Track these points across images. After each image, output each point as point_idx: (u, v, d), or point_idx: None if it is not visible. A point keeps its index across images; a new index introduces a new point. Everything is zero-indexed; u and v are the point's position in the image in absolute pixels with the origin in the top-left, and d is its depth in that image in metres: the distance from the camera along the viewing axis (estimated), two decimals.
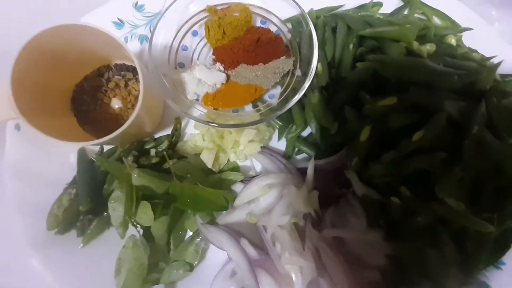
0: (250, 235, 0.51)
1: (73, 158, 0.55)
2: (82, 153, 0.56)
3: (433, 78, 0.42)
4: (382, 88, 0.47)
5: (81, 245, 0.52)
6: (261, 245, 0.49)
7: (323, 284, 0.43)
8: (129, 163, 0.48)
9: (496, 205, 0.45)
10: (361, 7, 0.61)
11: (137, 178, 0.47)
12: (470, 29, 0.58)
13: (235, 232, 0.51)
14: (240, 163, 0.59)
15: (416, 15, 0.64)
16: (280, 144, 0.60)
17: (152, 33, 0.56)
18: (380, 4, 0.63)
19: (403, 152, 0.43)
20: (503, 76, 0.56)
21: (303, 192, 0.48)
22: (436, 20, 0.63)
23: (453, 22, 0.62)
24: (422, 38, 0.49)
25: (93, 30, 0.45)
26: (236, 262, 0.46)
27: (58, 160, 0.56)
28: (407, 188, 0.46)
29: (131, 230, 0.49)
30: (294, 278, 0.42)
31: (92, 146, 0.56)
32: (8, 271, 0.55)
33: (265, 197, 0.49)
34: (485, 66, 0.47)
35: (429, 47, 0.45)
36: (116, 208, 0.46)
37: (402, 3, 0.63)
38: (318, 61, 0.53)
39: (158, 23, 0.56)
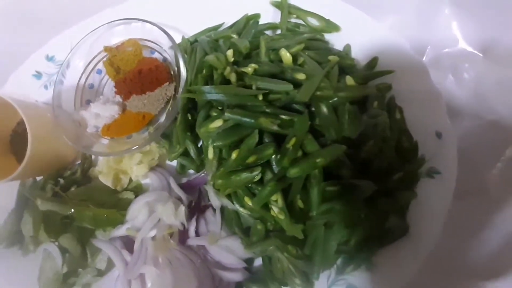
0: None
1: None
2: (22, 184, 0.70)
3: (243, 101, 0.45)
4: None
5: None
6: None
7: None
8: (36, 192, 0.60)
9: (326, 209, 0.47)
10: (234, 24, 0.64)
11: (41, 204, 0.59)
12: (321, 33, 0.59)
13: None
14: (143, 182, 0.68)
15: (293, 20, 0.64)
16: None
17: (56, 79, 0.67)
18: (257, 16, 0.65)
19: (230, 168, 0.47)
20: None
21: (170, 207, 0.55)
22: (314, 22, 0.63)
23: (328, 22, 0.62)
24: (256, 56, 0.51)
25: None
26: (118, 268, 0.56)
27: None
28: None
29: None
30: (148, 285, 0.51)
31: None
32: None
33: (141, 213, 0.58)
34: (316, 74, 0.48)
35: (251, 68, 0.47)
36: (27, 231, 0.59)
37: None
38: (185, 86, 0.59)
39: (61, 69, 0.67)
